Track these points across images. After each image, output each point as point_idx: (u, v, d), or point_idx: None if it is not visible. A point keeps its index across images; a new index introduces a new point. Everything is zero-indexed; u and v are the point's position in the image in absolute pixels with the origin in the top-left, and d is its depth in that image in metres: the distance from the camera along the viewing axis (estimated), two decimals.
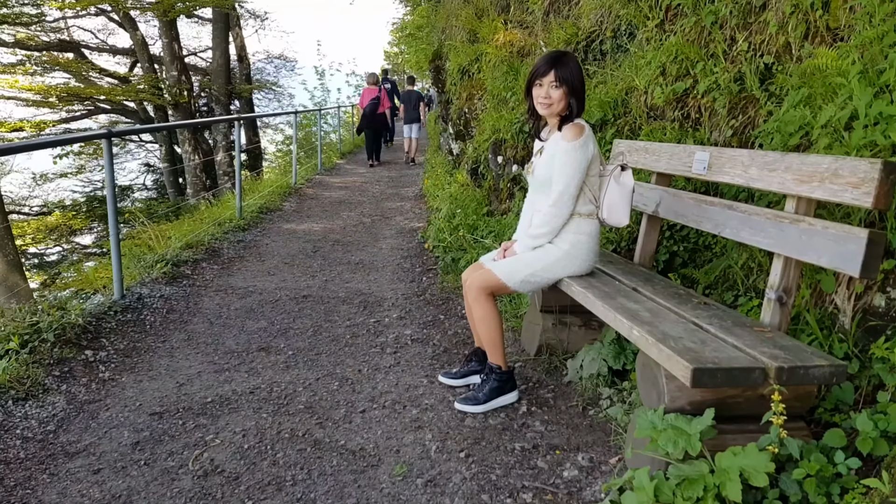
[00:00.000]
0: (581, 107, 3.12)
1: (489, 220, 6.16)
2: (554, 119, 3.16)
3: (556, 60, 3.05)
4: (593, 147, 3.07)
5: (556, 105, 3.06)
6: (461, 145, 9.88)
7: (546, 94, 3.06)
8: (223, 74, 17.93)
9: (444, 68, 14.52)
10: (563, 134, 3.06)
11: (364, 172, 14.15)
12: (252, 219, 8.11)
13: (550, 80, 3.04)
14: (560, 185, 3.05)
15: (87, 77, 19.86)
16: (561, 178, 3.05)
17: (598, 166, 3.16)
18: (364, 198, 10.54)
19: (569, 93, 3.04)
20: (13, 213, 20.78)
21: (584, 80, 3.11)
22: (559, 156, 3.05)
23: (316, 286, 5.44)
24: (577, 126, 3.04)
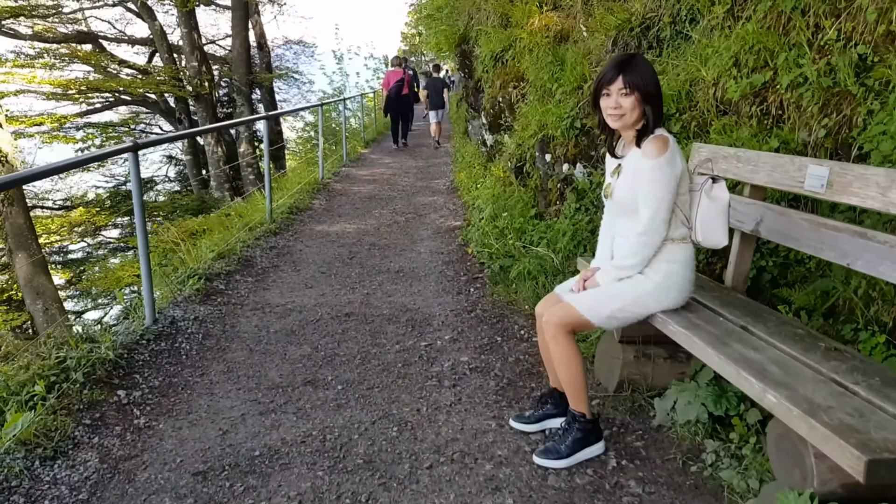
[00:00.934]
0: (659, 115, 2.69)
1: (538, 224, 5.75)
2: (629, 132, 2.74)
3: (624, 64, 2.63)
4: (681, 161, 2.66)
5: (629, 115, 2.65)
6: (496, 136, 9.44)
7: (615, 104, 2.65)
8: (244, 63, 17.56)
9: (473, 54, 14.03)
10: (643, 150, 2.65)
11: (391, 163, 13.75)
12: (282, 221, 7.76)
13: (619, 88, 2.63)
14: (649, 210, 2.64)
15: (106, 69, 19.62)
16: (649, 201, 2.64)
17: (687, 182, 2.75)
18: (394, 192, 10.15)
19: (642, 100, 2.62)
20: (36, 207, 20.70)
21: (659, 83, 2.68)
22: (643, 176, 2.64)
23: (357, 301, 5.08)
24: (660, 139, 2.62)
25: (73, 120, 16.61)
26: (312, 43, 27.72)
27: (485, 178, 8.90)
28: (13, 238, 12.02)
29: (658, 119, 2.68)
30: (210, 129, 9.22)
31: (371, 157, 14.97)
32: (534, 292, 4.81)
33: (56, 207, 19.46)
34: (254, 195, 9.38)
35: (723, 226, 2.75)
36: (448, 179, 11.14)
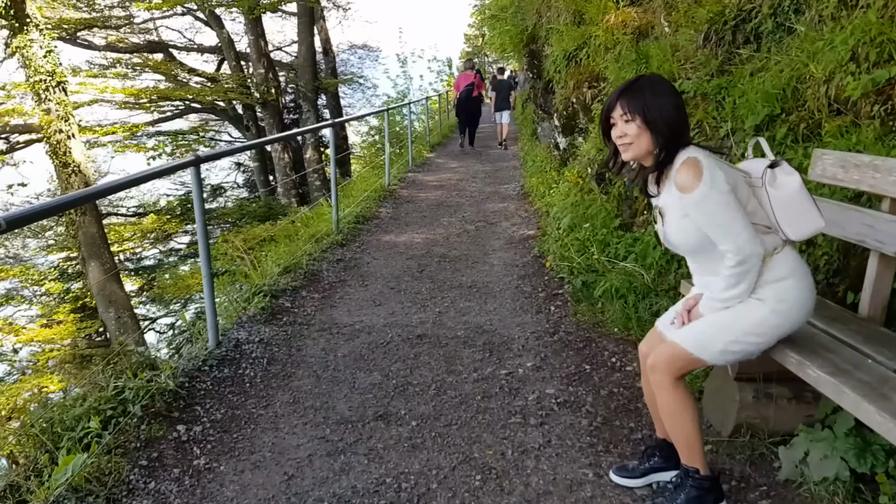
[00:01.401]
0: (675, 140, 2.26)
1: (624, 236, 5.30)
2: (647, 161, 2.34)
3: (625, 89, 2.28)
4: (723, 171, 2.21)
5: (637, 144, 2.27)
6: (570, 139, 8.99)
7: (620, 132, 2.29)
8: (309, 69, 17.57)
9: (542, 53, 13.59)
10: (678, 185, 2.24)
11: (457, 167, 13.44)
12: (349, 231, 7.52)
13: (620, 114, 2.27)
14: (728, 242, 2.22)
15: (176, 77, 19.99)
16: (721, 234, 2.22)
17: (745, 187, 2.31)
18: (462, 198, 9.82)
19: (646, 125, 2.23)
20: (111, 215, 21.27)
21: (675, 105, 2.26)
22: (695, 214, 2.24)
23: (429, 321, 4.75)
24: (688, 165, 2.21)
25: (143, 129, 16.92)
26: (377, 47, 27.73)
27: (558, 184, 8.47)
28: (86, 247, 12.23)
29: (675, 144, 2.26)
30: (274, 140, 9.08)
31: (437, 161, 14.69)
32: (623, 313, 4.38)
33: (129, 214, 19.94)
34: (320, 204, 9.19)
35: (809, 209, 2.30)
36: (518, 184, 10.74)
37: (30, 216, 2.82)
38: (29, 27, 11.26)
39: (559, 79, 9.46)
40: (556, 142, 9.42)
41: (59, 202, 3.74)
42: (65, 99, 11.82)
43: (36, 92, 11.58)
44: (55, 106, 11.63)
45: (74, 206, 3.59)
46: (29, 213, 2.76)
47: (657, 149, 2.26)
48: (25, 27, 11.23)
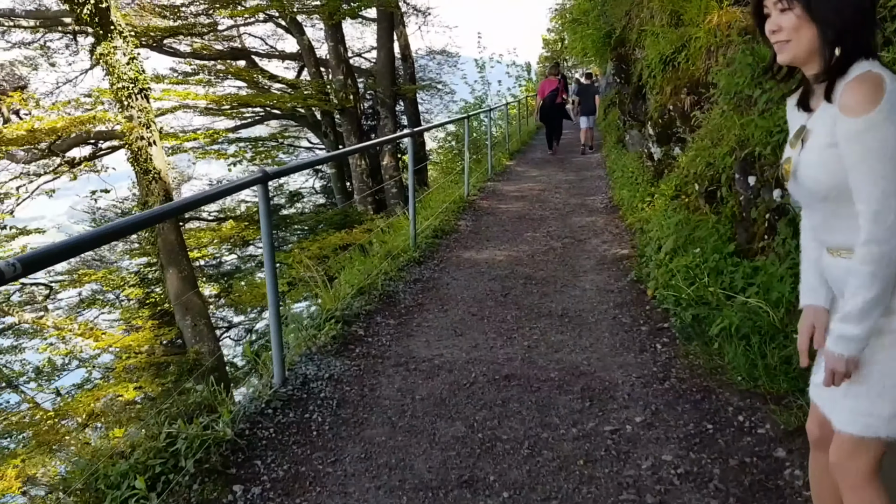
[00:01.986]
0: (850, 40, 1.60)
1: (741, 263, 4.62)
2: (810, 68, 1.68)
3: None
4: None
5: (796, 43, 1.64)
6: (665, 149, 8.29)
7: (774, 26, 1.66)
8: (388, 75, 17.33)
9: (630, 57, 12.87)
10: (841, 102, 1.58)
11: (539, 176, 12.86)
12: (427, 247, 7.06)
13: (773, 1, 1.64)
14: (873, 200, 1.55)
15: (258, 84, 20.16)
16: (867, 184, 1.55)
17: None
18: (546, 210, 9.25)
19: (810, 16, 1.60)
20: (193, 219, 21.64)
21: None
22: (845, 147, 1.58)
23: (517, 357, 4.22)
24: (863, 80, 1.55)
25: (224, 135, 17.04)
26: (456, 52, 27.35)
27: (653, 198, 7.80)
28: (165, 254, 12.25)
29: (851, 46, 1.60)
30: (349, 152, 8.77)
31: (517, 169, 14.14)
32: (746, 358, 3.73)
33: (210, 220, 20.22)
34: (398, 218, 8.80)
35: None
36: (605, 196, 10.08)
37: (46, 257, 2.38)
38: (113, 34, 11.34)
39: (654, 84, 8.78)
40: (649, 151, 8.73)
41: (101, 232, 3.40)
42: (147, 106, 11.86)
43: (119, 99, 11.67)
44: (137, 113, 11.68)
45: (141, 228, 3.38)
46: (47, 252, 2.33)
47: (825, 49, 1.62)
48: (109, 34, 11.31)
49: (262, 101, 16.51)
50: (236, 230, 15.98)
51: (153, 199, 11.99)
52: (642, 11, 10.68)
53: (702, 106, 7.66)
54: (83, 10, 10.99)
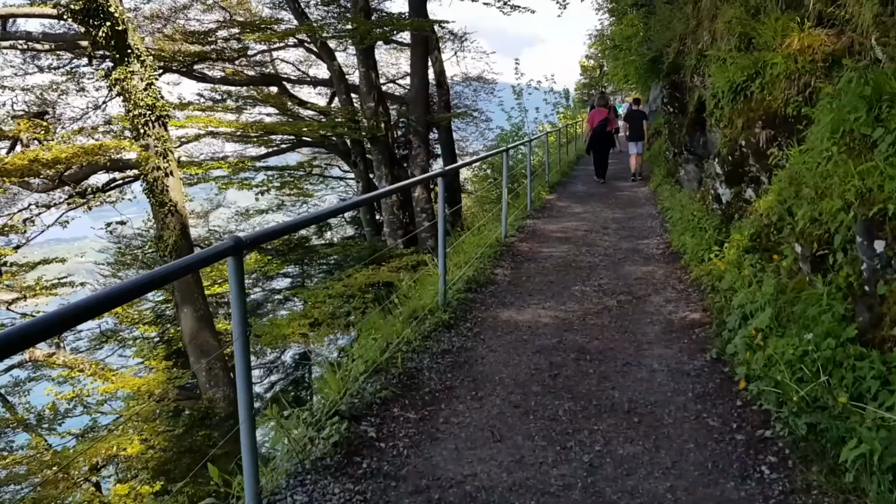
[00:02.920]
0: None
1: (869, 355, 3.51)
2: None
3: None
4: None
5: None
6: (736, 190, 7.19)
7: None
8: (421, 103, 16.49)
9: (684, 84, 11.82)
10: None
11: (583, 213, 11.80)
12: (459, 305, 6.05)
13: None
14: None
15: (289, 110, 19.53)
16: None
17: None
18: (595, 256, 8.19)
19: None
20: None
21: None
22: None
23: (577, 482, 3.16)
24: None
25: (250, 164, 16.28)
26: (492, 79, 26.51)
27: (722, 248, 6.71)
28: (180, 292, 11.45)
29: None
30: (372, 197, 7.84)
31: (558, 204, 13.10)
32: None
33: None
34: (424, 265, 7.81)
35: None
36: (661, 240, 8.98)
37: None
38: (130, 58, 10.67)
39: (720, 116, 7.71)
40: (715, 192, 7.62)
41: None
42: (164, 134, 11.15)
43: (135, 126, 10.97)
44: (154, 141, 10.97)
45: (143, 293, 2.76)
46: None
47: None
48: (127, 58, 10.63)
49: (288, 129, 15.77)
50: (258, 264, 15.15)
51: (168, 234, 11.23)
52: (702, 35, 9.64)
53: (780, 142, 6.60)
54: (98, 32, 10.35)
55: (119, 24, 10.42)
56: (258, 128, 15.23)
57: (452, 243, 8.66)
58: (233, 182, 16.03)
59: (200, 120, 14.21)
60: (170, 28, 18.80)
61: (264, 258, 15.49)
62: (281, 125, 16.10)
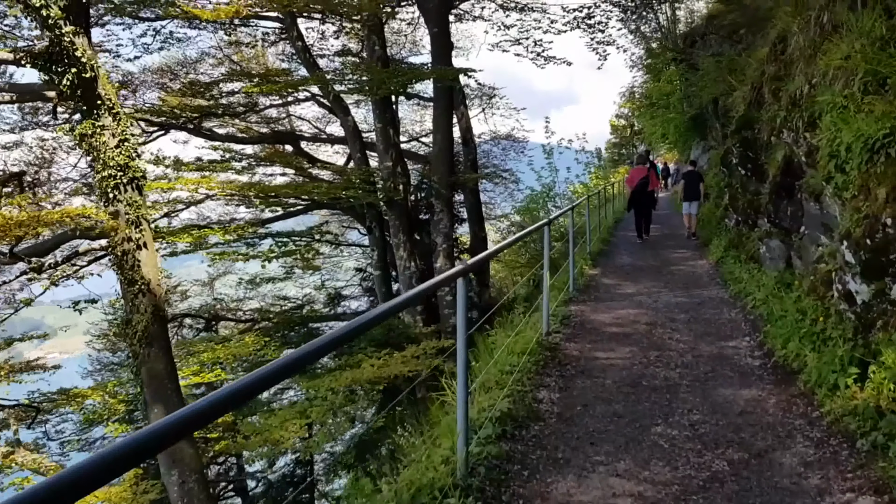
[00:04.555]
0: None
1: None
2: None
3: None
4: None
5: None
6: (876, 287, 5.10)
7: None
8: (445, 162, 14.70)
9: (758, 142, 9.85)
10: None
11: (636, 294, 9.72)
12: (487, 471, 3.96)
13: None
14: None
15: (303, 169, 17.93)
16: None
17: None
18: (670, 368, 6.10)
19: None
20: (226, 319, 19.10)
21: None
22: None
23: None
24: None
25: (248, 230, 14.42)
26: (523, 137, 24.82)
27: (866, 372, 4.61)
28: (150, 388, 9.51)
29: None
30: (389, 314, 6.09)
31: (604, 281, 11.05)
32: None
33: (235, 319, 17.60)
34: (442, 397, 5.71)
35: None
36: (752, 341, 6.85)
37: None
38: (101, 110, 9.00)
39: (845, 182, 5.67)
40: (843, 288, 5.50)
41: None
42: (138, 199, 9.40)
43: (103, 190, 9.22)
44: (125, 208, 9.21)
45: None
46: None
47: None
48: (96, 111, 8.97)
49: (291, 191, 14.02)
50: (256, 345, 13.14)
51: (139, 318, 9.35)
52: (794, 80, 7.69)
53: None
54: (63, 80, 8.74)
55: (87, 72, 8.80)
56: (258, 190, 13.51)
57: (479, 347, 6.62)
58: (227, 253, 14.19)
59: (191, 181, 12.54)
60: (178, 83, 17.47)
61: (261, 338, 13.50)
62: (284, 187, 14.37)
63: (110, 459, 1.38)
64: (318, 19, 15.88)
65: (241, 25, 16.12)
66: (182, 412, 1.63)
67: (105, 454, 1.39)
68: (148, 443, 1.48)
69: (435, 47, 14.17)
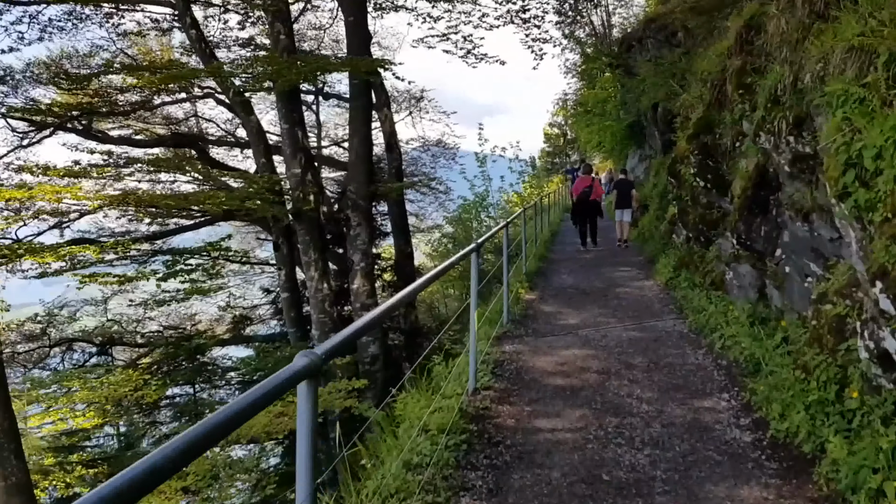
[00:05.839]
0: None
1: None
2: None
3: None
4: None
5: None
6: None
7: None
8: (363, 169, 12.91)
9: (720, 149, 8.50)
10: None
11: (581, 326, 8.21)
12: None
13: None
14: None
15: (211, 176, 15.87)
16: None
17: None
18: (635, 445, 4.54)
19: None
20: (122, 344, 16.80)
21: None
22: None
23: None
24: None
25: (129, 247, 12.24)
26: (454, 144, 23.27)
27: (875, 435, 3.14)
28: None
29: None
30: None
31: (543, 308, 9.51)
32: None
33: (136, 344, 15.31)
34: None
35: None
36: (732, 399, 5.36)
37: None
38: None
39: (869, 200, 4.21)
40: (879, 347, 3.97)
41: None
42: None
43: None
44: None
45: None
46: None
47: None
48: None
49: (173, 202, 11.90)
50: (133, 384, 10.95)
51: None
52: (773, 75, 6.28)
53: None
54: None
55: None
56: (135, 200, 11.40)
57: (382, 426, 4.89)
58: (98, 275, 11.99)
59: (53, 189, 10.40)
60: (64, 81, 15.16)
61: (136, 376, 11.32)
62: (167, 197, 12.23)
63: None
64: (217, 5, 13.98)
65: (128, 10, 14.03)
66: None
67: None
68: None
69: (351, 38, 12.43)
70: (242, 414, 1.74)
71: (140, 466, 1.37)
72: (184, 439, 1.52)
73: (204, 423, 1.60)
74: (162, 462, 1.41)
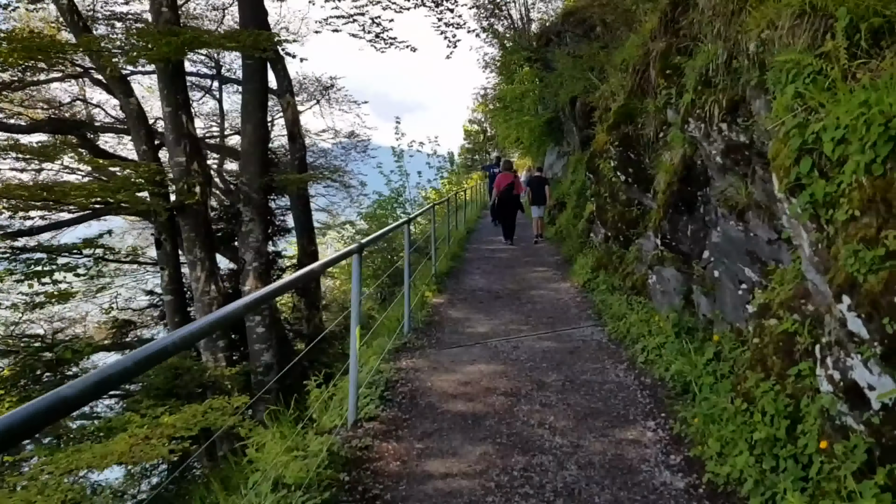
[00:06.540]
0: None
1: None
2: None
3: None
4: None
5: None
6: None
7: None
8: (257, 158, 11.63)
9: (644, 138, 7.76)
10: None
11: (491, 334, 7.33)
12: None
13: None
14: None
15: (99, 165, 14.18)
16: None
17: None
18: (545, 498, 3.64)
19: None
20: None
21: None
22: None
23: None
24: None
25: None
26: (367, 136, 22.13)
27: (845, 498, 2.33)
28: None
29: None
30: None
31: (451, 314, 8.60)
32: None
33: None
34: None
35: None
36: (656, 424, 4.56)
37: None
38: None
39: (832, 196, 3.42)
40: (845, 377, 3.16)
41: None
42: None
43: None
44: None
45: None
46: None
47: None
48: None
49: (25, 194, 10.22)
50: None
51: None
52: (705, 56, 5.53)
53: None
54: None
55: None
56: None
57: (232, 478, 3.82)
58: None
59: None
60: None
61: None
62: (15, 188, 10.54)
63: None
64: None
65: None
66: None
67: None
68: None
69: (243, 12, 11.14)
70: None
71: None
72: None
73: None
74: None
